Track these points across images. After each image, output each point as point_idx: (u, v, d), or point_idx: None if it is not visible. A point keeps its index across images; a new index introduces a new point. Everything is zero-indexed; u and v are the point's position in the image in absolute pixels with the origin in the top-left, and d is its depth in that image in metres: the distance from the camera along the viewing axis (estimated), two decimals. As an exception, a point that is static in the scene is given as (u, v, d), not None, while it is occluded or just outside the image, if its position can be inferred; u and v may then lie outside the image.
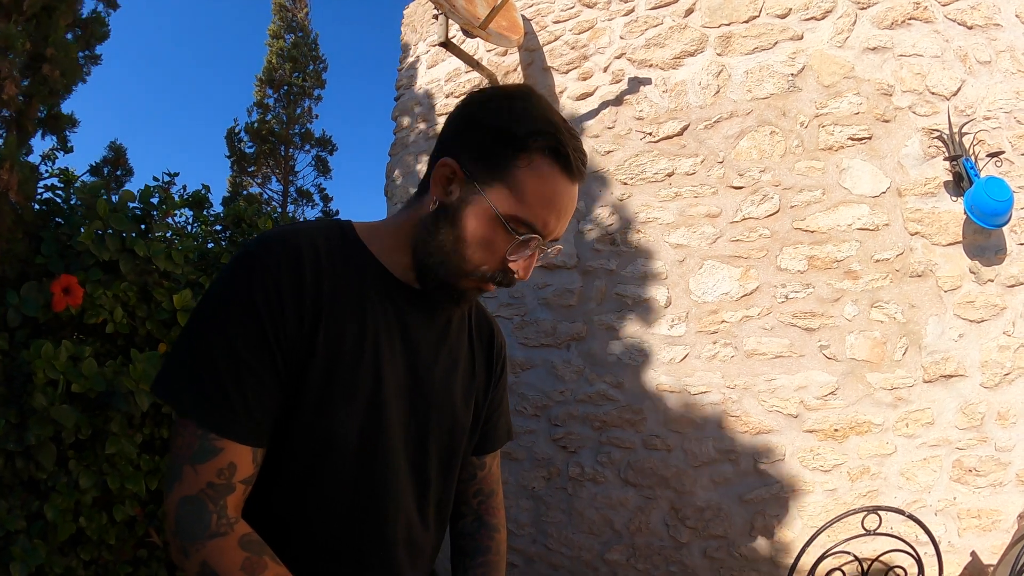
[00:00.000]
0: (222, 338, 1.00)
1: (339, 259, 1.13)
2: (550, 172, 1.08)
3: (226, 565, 0.94)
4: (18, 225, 2.33)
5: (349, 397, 1.09)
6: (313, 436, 1.08)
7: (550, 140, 1.07)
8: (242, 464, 1.00)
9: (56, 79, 2.62)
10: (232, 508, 0.99)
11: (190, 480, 0.97)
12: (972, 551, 3.18)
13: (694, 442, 3.77)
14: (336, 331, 1.08)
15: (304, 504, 1.10)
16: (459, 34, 4.92)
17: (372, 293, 1.15)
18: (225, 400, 0.99)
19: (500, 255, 1.11)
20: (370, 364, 1.11)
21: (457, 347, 1.31)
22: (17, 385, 2.28)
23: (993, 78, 3.46)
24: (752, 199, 3.76)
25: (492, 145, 1.09)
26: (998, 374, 3.23)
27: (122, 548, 2.82)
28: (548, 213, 1.09)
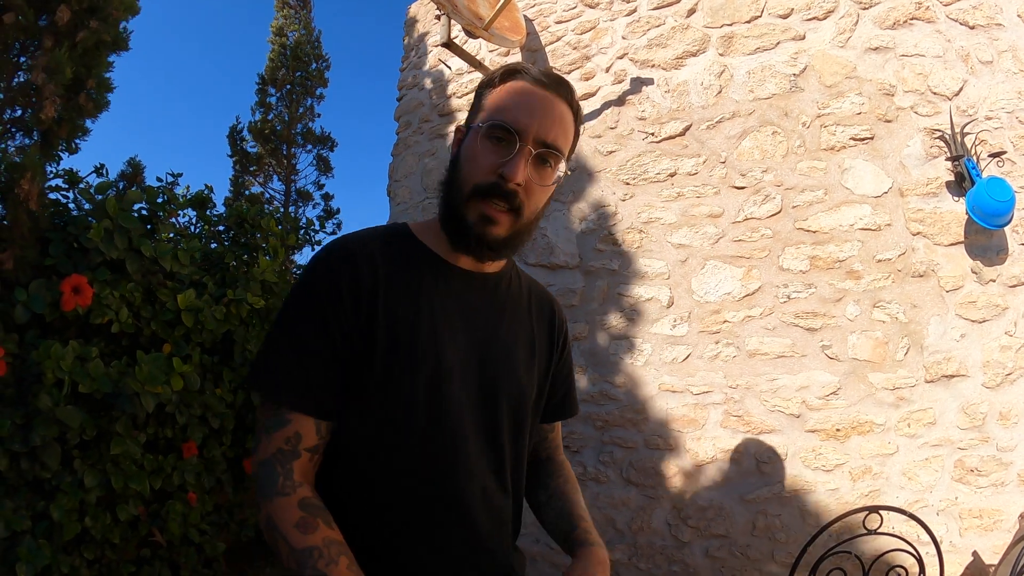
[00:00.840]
0: (290, 330, 1.21)
1: (394, 253, 1.30)
2: (511, 85, 1.29)
3: (284, 520, 1.09)
4: (32, 232, 2.36)
5: (412, 370, 1.22)
6: (384, 410, 1.22)
7: (510, 68, 1.32)
8: (307, 433, 1.18)
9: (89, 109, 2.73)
10: (298, 473, 1.16)
11: (264, 446, 1.17)
12: (974, 551, 3.18)
13: (696, 442, 3.77)
14: (393, 313, 1.23)
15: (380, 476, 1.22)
16: (461, 34, 4.93)
17: (427, 277, 1.30)
18: (290, 379, 1.17)
19: (489, 162, 1.24)
20: (429, 339, 1.24)
21: (517, 322, 1.43)
22: (25, 385, 2.30)
23: (995, 78, 3.46)
24: (754, 199, 3.76)
25: (479, 96, 1.35)
26: (1000, 374, 3.24)
27: (126, 547, 2.83)
28: (515, 111, 1.24)
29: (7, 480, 2.30)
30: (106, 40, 2.71)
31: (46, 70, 2.44)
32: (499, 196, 1.24)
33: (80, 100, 2.65)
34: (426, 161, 5.35)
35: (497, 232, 1.27)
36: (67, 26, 2.53)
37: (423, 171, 5.35)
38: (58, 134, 2.62)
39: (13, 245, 2.28)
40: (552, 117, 1.26)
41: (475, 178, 1.25)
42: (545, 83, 1.27)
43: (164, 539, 2.98)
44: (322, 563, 1.05)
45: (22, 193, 2.23)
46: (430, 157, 5.33)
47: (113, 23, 2.71)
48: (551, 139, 1.25)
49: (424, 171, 5.34)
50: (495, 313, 1.38)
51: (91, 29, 2.60)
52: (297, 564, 1.05)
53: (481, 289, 1.37)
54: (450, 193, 1.30)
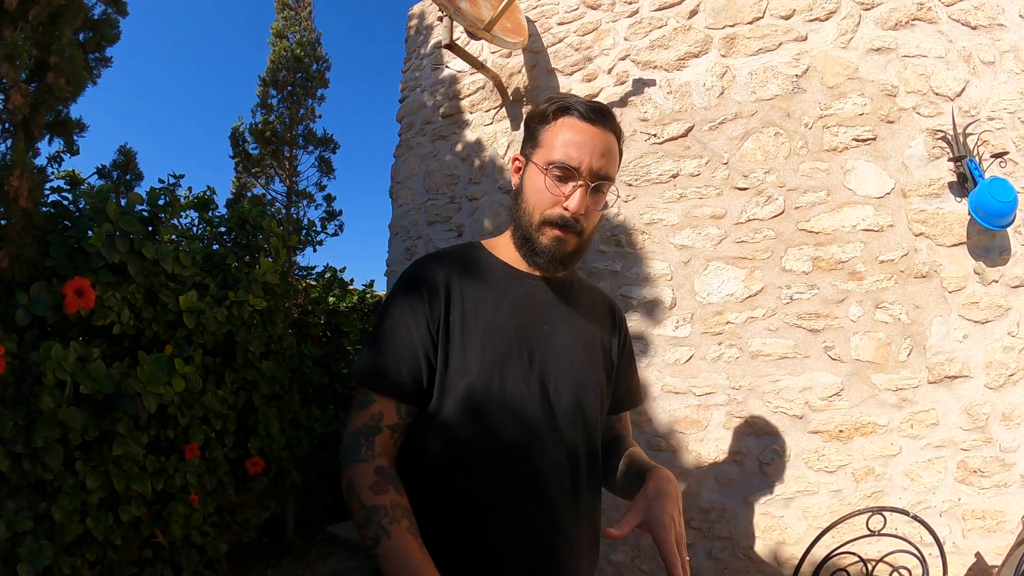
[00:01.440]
0: (382, 325, 1.45)
1: (471, 263, 1.55)
2: (565, 122, 1.47)
3: (361, 482, 1.29)
4: (27, 230, 2.35)
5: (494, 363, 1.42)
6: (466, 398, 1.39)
7: (561, 103, 1.48)
8: (388, 413, 1.39)
9: (61, 86, 2.65)
10: (379, 446, 1.36)
11: (354, 421, 1.39)
12: (976, 552, 3.18)
13: (699, 443, 3.77)
14: (476, 312, 1.45)
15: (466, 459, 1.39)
16: (463, 36, 4.93)
17: (501, 282, 1.53)
18: (376, 367, 1.40)
19: (552, 196, 1.46)
20: (502, 330, 1.46)
21: (583, 319, 1.63)
22: (26, 387, 2.29)
23: (997, 78, 3.46)
24: (757, 200, 3.76)
25: (530, 129, 1.54)
26: (1003, 375, 3.23)
27: (128, 548, 2.83)
28: (572, 149, 1.44)
29: (9, 481, 2.29)
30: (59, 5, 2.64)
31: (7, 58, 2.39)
32: (566, 226, 1.46)
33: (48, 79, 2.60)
34: (428, 162, 5.35)
35: (564, 249, 1.50)
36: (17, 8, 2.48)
37: (425, 172, 5.35)
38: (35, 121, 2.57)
39: (8, 244, 2.27)
40: (603, 151, 1.45)
41: (542, 209, 1.47)
42: (594, 119, 1.46)
43: (166, 540, 2.98)
44: (386, 520, 1.23)
45: (12, 190, 2.22)
46: (432, 158, 5.33)
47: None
48: (604, 172, 1.46)
49: (426, 172, 5.34)
50: (564, 311, 1.58)
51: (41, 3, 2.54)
52: (365, 519, 1.24)
53: (548, 291, 1.58)
54: (521, 220, 1.52)
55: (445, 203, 5.15)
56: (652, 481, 1.41)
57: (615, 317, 1.78)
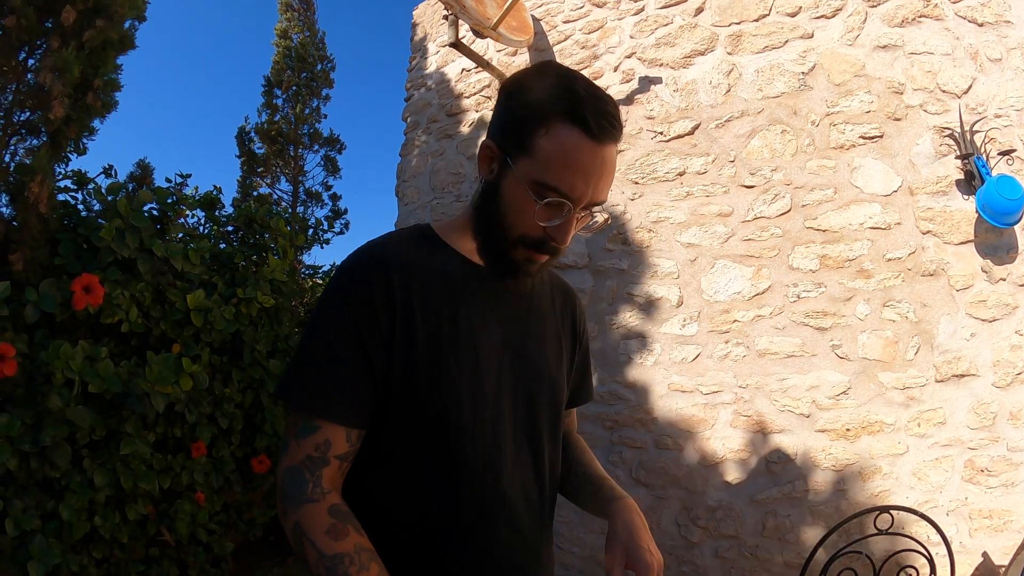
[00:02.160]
0: (321, 339, 1.19)
1: (424, 258, 1.29)
2: (569, 136, 1.14)
3: (314, 527, 1.09)
4: (42, 234, 2.37)
5: (454, 374, 1.22)
6: (425, 412, 1.21)
7: (566, 105, 1.14)
8: (336, 441, 1.17)
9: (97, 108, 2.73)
10: (327, 480, 1.15)
11: (293, 452, 1.16)
12: (984, 552, 3.17)
13: (705, 442, 3.76)
14: (432, 317, 1.23)
15: (425, 476, 1.23)
16: (469, 34, 4.93)
17: (458, 280, 1.29)
18: (321, 388, 1.17)
19: (539, 221, 1.20)
20: (468, 341, 1.25)
21: (543, 316, 1.45)
22: (36, 386, 2.30)
23: (1004, 76, 3.45)
24: (764, 198, 3.75)
25: (519, 121, 1.19)
26: (1010, 373, 3.22)
27: (134, 546, 2.84)
28: (572, 176, 1.15)
29: (17, 480, 2.30)
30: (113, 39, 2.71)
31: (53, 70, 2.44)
32: (546, 252, 1.25)
33: (88, 99, 2.66)
34: (434, 161, 5.35)
35: (537, 270, 1.31)
36: (73, 26, 2.54)
37: (431, 171, 5.35)
38: (67, 134, 2.62)
39: (23, 247, 2.29)
40: (605, 176, 1.20)
41: (522, 229, 1.22)
42: (601, 137, 1.15)
43: (172, 538, 2.99)
44: (353, 569, 1.06)
45: (32, 196, 2.24)
46: (438, 157, 5.33)
47: (119, 21, 2.72)
48: (601, 198, 1.22)
49: (432, 171, 5.34)
50: (525, 310, 1.40)
51: (97, 28, 2.60)
52: (327, 570, 1.06)
53: (511, 288, 1.36)
54: (491, 228, 1.27)
55: (451, 201, 5.15)
56: (619, 521, 1.33)
57: (576, 309, 1.59)
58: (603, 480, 1.49)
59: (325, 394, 1.16)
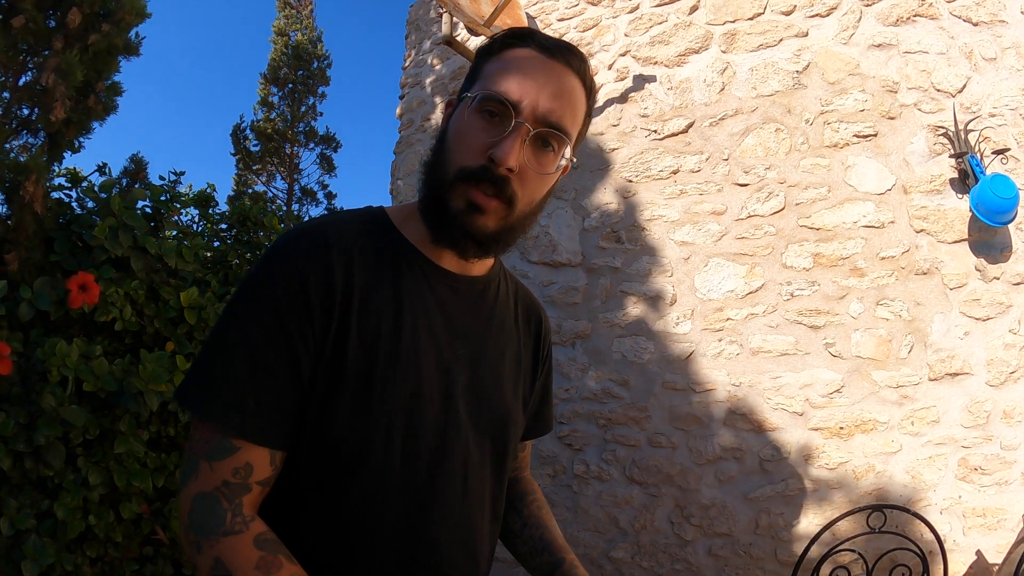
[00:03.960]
0: (241, 338, 0.97)
1: (372, 247, 1.08)
2: (514, 51, 1.07)
3: (240, 563, 0.91)
4: (37, 234, 2.37)
5: (389, 395, 1.02)
6: (352, 438, 1.01)
7: (515, 33, 1.09)
8: (259, 465, 0.97)
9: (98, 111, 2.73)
10: (248, 507, 0.96)
11: (205, 476, 0.95)
12: (977, 550, 3.18)
13: (699, 440, 3.77)
14: (371, 325, 1.02)
15: (345, 512, 1.04)
16: (464, 32, 4.93)
17: (409, 282, 1.09)
18: (241, 402, 0.95)
19: (479, 143, 1.02)
20: (410, 359, 1.05)
21: (503, 334, 1.25)
22: (31, 385, 2.30)
23: (999, 75, 3.46)
24: (757, 196, 3.76)
25: (476, 65, 1.11)
26: (1004, 372, 3.23)
27: (129, 546, 2.84)
28: (511, 79, 1.02)
29: (11, 479, 2.30)
30: (117, 44, 2.71)
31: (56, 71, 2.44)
32: (488, 182, 1.02)
33: (89, 102, 2.66)
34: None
35: (485, 223, 1.05)
36: (78, 29, 2.54)
37: (426, 169, 5.34)
38: (66, 135, 2.62)
39: (18, 247, 2.29)
40: (557, 90, 1.04)
41: (462, 160, 1.03)
42: (551, 50, 1.05)
43: (167, 537, 2.99)
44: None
45: (27, 195, 2.23)
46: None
47: (124, 27, 2.72)
48: (554, 117, 1.03)
49: (427, 169, 5.33)
50: (481, 325, 1.19)
51: (103, 33, 2.60)
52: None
53: (467, 295, 1.17)
54: (433, 175, 1.08)
55: (446, 200, 5.15)
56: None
57: (541, 329, 1.37)
58: (563, 552, 1.30)
59: (245, 409, 0.95)
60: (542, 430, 1.44)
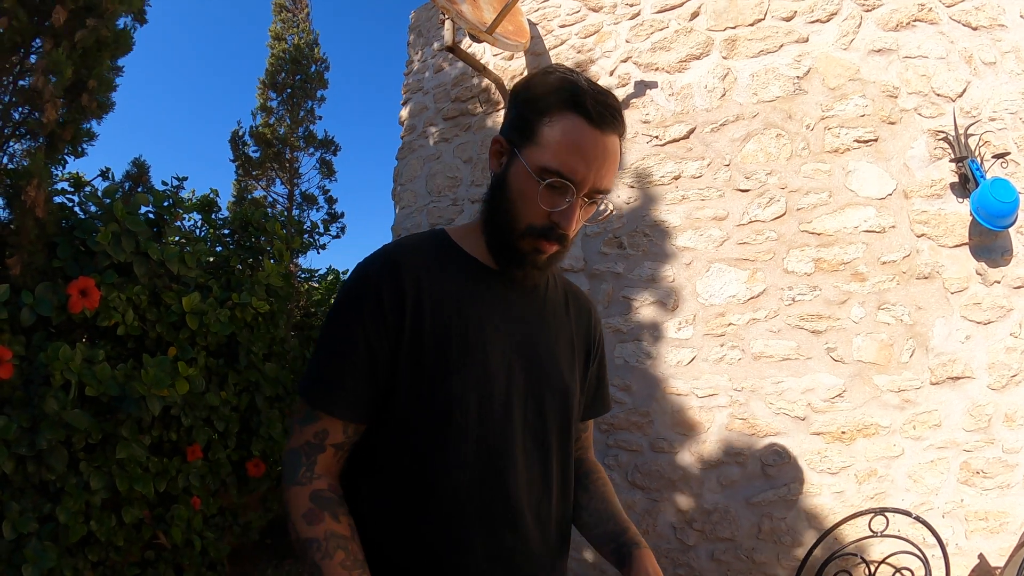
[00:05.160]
0: (331, 336, 1.28)
1: (436, 262, 1.33)
2: (572, 123, 1.20)
3: (295, 508, 1.18)
4: (40, 238, 2.37)
5: (462, 374, 1.25)
6: (432, 411, 1.24)
7: (568, 95, 1.21)
8: (333, 432, 1.24)
9: (93, 109, 2.72)
10: (321, 465, 1.24)
11: (296, 436, 1.26)
12: (980, 553, 3.17)
13: (701, 445, 3.77)
14: (441, 321, 1.26)
15: (432, 472, 1.25)
16: (466, 39, 4.94)
17: (469, 283, 1.33)
18: (324, 382, 1.25)
19: (544, 208, 1.23)
20: (476, 341, 1.28)
21: (557, 322, 1.46)
22: (33, 389, 2.30)
23: (998, 79, 3.46)
24: (759, 202, 3.76)
25: (526, 113, 1.26)
26: (1005, 376, 3.23)
27: (130, 550, 2.84)
28: (575, 160, 1.20)
29: (14, 483, 2.30)
30: (105, 37, 2.69)
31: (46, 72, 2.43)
32: (553, 240, 1.27)
33: (83, 101, 2.64)
34: (431, 165, 5.36)
35: (545, 259, 1.32)
36: (64, 27, 2.52)
37: (428, 175, 5.35)
38: (62, 137, 2.61)
39: (21, 251, 2.29)
40: (608, 163, 1.24)
41: (529, 218, 1.26)
42: (601, 124, 1.21)
43: (168, 541, 2.99)
44: (318, 556, 1.13)
45: (28, 200, 2.24)
46: (435, 161, 5.34)
47: (110, 18, 2.69)
48: (603, 185, 1.26)
49: (429, 175, 5.34)
50: (536, 315, 1.41)
51: (89, 28, 2.58)
52: (301, 552, 1.15)
53: (522, 292, 1.40)
54: (498, 221, 1.31)
55: (447, 205, 5.16)
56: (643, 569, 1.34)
57: (591, 318, 1.59)
58: (626, 524, 1.49)
59: (326, 389, 1.24)
60: (600, 409, 1.64)
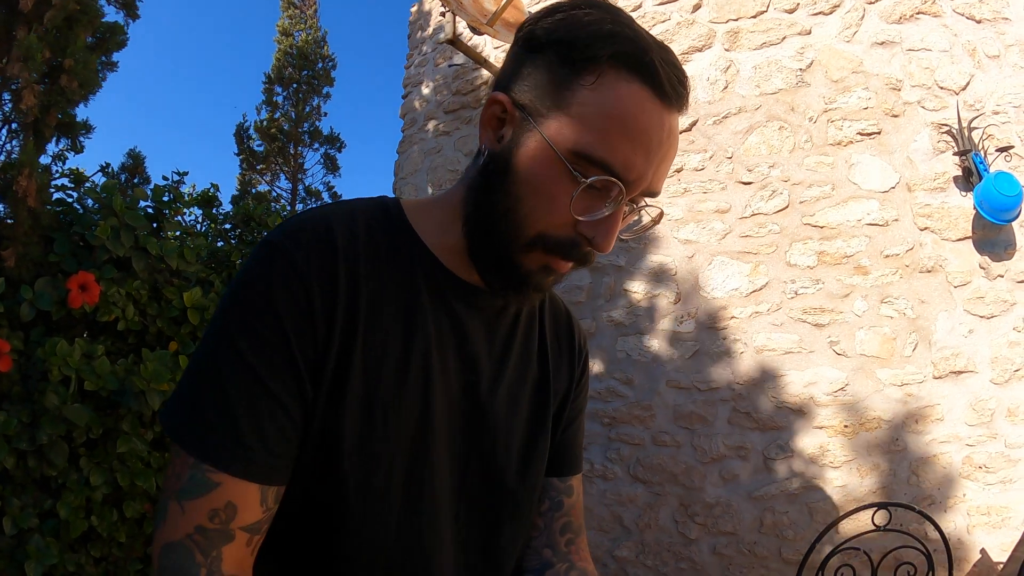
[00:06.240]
0: (233, 351, 0.77)
1: (383, 250, 0.87)
2: (628, 89, 0.75)
3: None
4: (34, 230, 2.36)
5: (392, 431, 0.84)
6: (343, 480, 0.82)
7: (624, 45, 0.76)
8: (245, 506, 0.76)
9: (74, 89, 2.66)
10: (229, 562, 0.75)
11: (175, 521, 0.74)
12: (982, 548, 3.17)
13: (703, 438, 3.76)
14: (377, 346, 0.83)
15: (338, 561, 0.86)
16: (467, 31, 4.92)
17: (422, 295, 0.88)
18: (231, 426, 0.75)
19: (567, 212, 0.78)
20: (418, 388, 0.86)
21: (526, 357, 1.02)
22: (32, 384, 2.30)
23: (1002, 72, 3.45)
24: (761, 195, 3.75)
25: (550, 65, 0.79)
26: (1008, 370, 3.22)
27: (132, 545, 2.84)
28: (629, 146, 0.76)
29: (14, 478, 2.30)
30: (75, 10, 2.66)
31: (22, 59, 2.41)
32: (575, 259, 0.85)
33: (63, 82, 2.62)
34: (432, 158, 5.35)
35: (554, 281, 0.90)
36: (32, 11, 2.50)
37: (429, 168, 5.34)
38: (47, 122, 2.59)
39: (15, 243, 2.28)
40: (671, 155, 0.82)
41: (545, 225, 0.81)
42: (670, 94, 0.77)
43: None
44: None
45: (20, 190, 2.23)
46: (435, 154, 5.33)
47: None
48: (658, 187, 0.84)
49: (430, 168, 5.33)
50: (499, 343, 0.97)
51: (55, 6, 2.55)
52: None
53: (486, 312, 0.95)
54: (494, 220, 0.84)
55: (449, 199, 5.15)
56: None
57: (575, 343, 1.11)
58: None
59: (234, 437, 0.75)
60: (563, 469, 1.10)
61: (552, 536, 1.07)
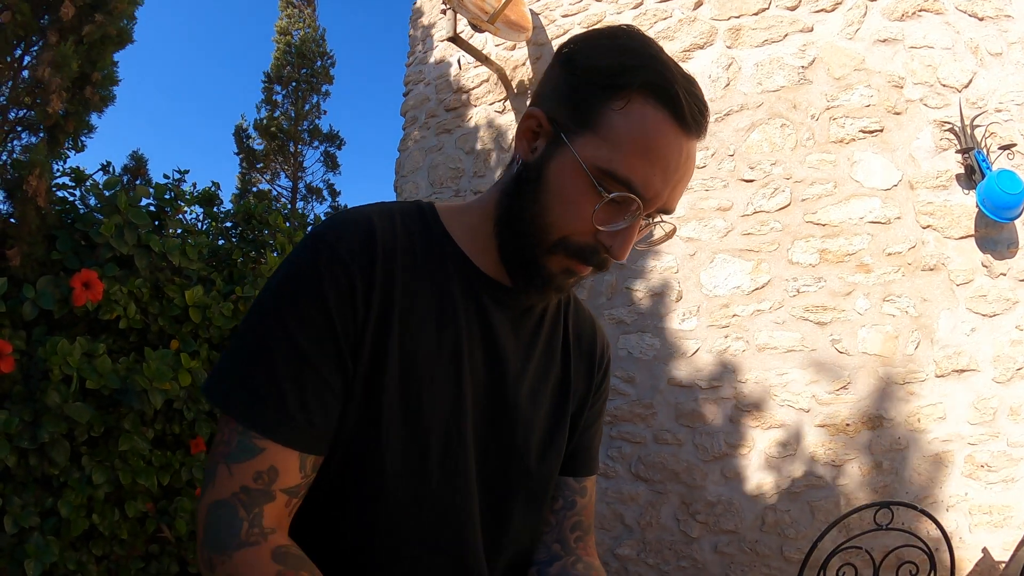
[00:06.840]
0: (282, 330, 0.85)
1: (419, 246, 0.96)
2: (653, 116, 0.85)
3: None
4: (40, 229, 2.37)
5: (423, 420, 0.92)
6: (382, 453, 0.90)
7: (653, 76, 0.86)
8: (285, 470, 0.83)
9: (96, 102, 2.72)
10: (269, 518, 0.82)
11: (223, 482, 0.82)
12: (984, 547, 3.16)
13: (705, 437, 3.76)
14: (410, 339, 0.91)
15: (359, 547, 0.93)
16: (467, 29, 4.92)
17: (455, 288, 0.96)
18: (278, 397, 0.83)
19: (589, 221, 0.88)
20: (450, 371, 0.94)
21: (549, 355, 1.09)
22: (33, 382, 2.30)
23: (1004, 70, 3.44)
24: (763, 192, 3.75)
25: (583, 87, 0.89)
26: (1010, 369, 3.22)
27: (134, 544, 2.84)
28: (649, 168, 0.86)
29: (15, 477, 2.30)
30: (111, 34, 2.71)
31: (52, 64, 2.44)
32: (593, 265, 0.93)
33: (86, 94, 2.66)
34: (433, 156, 5.34)
35: (575, 283, 1.00)
36: (72, 21, 2.54)
37: (429, 166, 5.34)
38: (64, 129, 2.62)
39: (21, 242, 2.28)
40: (687, 177, 0.92)
41: (568, 230, 0.90)
42: (691, 125, 0.88)
43: (172, 535, 2.99)
44: None
45: (30, 190, 2.23)
46: (436, 152, 5.32)
47: (118, 16, 2.72)
48: (673, 205, 0.92)
49: (431, 166, 5.33)
50: (524, 342, 1.04)
51: (96, 23, 2.60)
52: None
53: (512, 310, 1.02)
54: (523, 224, 0.93)
55: (450, 197, 5.14)
56: None
57: (597, 346, 1.19)
58: None
59: (280, 407, 0.83)
60: (579, 469, 1.19)
61: (563, 532, 1.14)
